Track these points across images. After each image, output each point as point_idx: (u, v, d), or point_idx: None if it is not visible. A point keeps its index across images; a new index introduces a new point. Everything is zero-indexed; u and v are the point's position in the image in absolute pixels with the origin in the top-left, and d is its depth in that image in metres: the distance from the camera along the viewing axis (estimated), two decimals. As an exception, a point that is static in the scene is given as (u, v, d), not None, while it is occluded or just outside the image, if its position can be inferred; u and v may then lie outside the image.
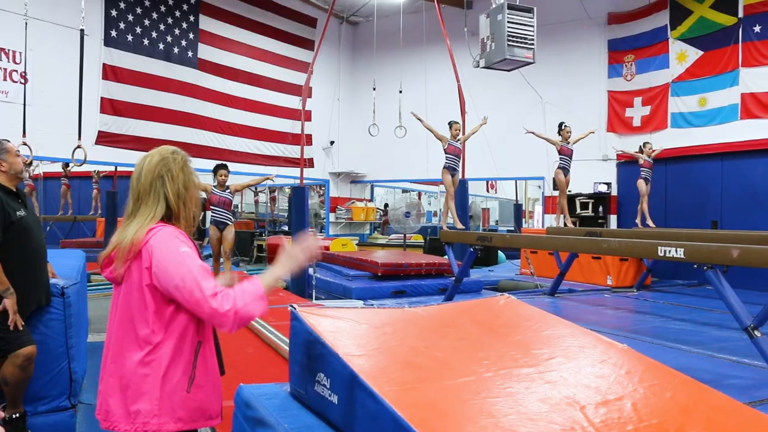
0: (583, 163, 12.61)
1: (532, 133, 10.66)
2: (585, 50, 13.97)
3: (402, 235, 14.66)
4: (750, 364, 4.92)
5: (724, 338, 6.08)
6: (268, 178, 10.10)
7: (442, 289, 9.23)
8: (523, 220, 19.89)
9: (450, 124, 9.58)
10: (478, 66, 8.86)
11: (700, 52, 12.12)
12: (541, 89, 13.58)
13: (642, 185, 11.14)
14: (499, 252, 15.37)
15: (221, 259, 9.25)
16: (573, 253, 8.88)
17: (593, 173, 13.06)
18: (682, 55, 12.44)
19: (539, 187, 15.70)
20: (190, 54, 13.25)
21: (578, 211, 13.35)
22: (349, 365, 2.54)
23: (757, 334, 4.61)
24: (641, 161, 10.91)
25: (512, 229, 19.24)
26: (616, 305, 8.76)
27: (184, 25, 13.15)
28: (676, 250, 5.07)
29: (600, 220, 13.04)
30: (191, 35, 13.27)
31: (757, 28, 11.20)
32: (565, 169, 10.46)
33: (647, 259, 9.85)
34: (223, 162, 9.64)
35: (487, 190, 22.06)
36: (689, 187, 11.18)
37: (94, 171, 14.81)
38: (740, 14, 11.46)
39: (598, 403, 2.44)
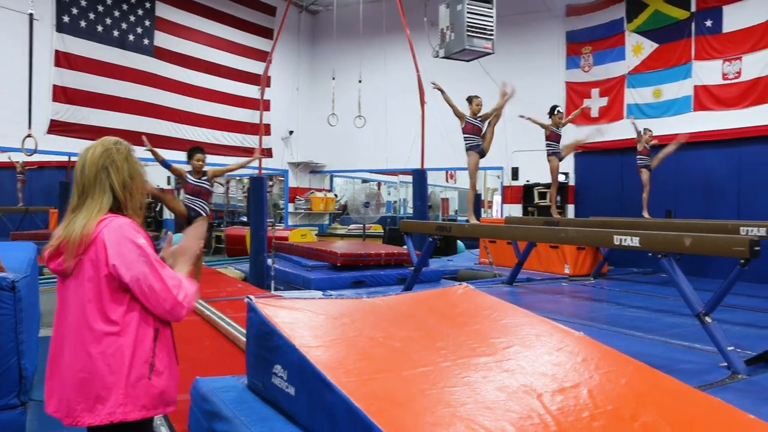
0: (542, 153, 12.72)
1: (529, 119, 10.54)
2: (544, 42, 14.07)
3: (361, 226, 14.64)
4: (701, 349, 5.04)
5: (677, 324, 6.22)
6: (253, 159, 9.15)
7: (402, 279, 9.24)
8: (482, 209, 20.01)
9: (469, 99, 8.37)
10: (438, 56, 8.86)
11: (655, 45, 12.32)
12: (500, 80, 13.61)
13: (645, 174, 10.73)
14: (459, 242, 15.45)
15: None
16: (531, 242, 8.97)
17: (551, 163, 13.21)
18: (637, 48, 12.63)
19: (498, 177, 15.81)
20: (146, 41, 12.99)
21: (536, 200, 13.49)
22: (305, 356, 2.52)
23: (708, 320, 4.72)
24: (639, 148, 10.71)
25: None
26: (574, 293, 8.88)
27: (140, 12, 12.87)
28: (632, 239, 5.16)
29: (558, 209, 13.21)
30: (147, 22, 13.01)
31: (708, 23, 11.42)
32: (557, 155, 10.13)
33: (604, 247, 10.01)
34: (199, 146, 8.46)
35: (447, 180, 22.14)
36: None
37: (18, 162, 14.19)
38: (693, 8, 11.66)
39: (555, 391, 2.46)
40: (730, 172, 10.98)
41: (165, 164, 7.69)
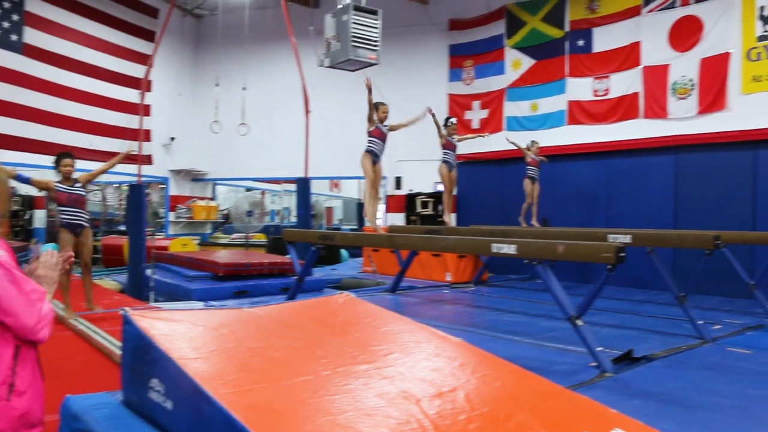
0: (424, 163, 13.02)
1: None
2: (428, 54, 14.40)
3: (244, 235, 14.42)
4: (574, 351, 5.31)
5: (552, 328, 6.52)
6: (122, 156, 8.20)
7: (285, 288, 9.17)
8: (365, 218, 20.16)
9: (376, 105, 8.17)
10: (323, 65, 8.88)
11: (533, 61, 12.90)
12: (385, 90, 13.76)
13: (527, 184, 11.16)
14: (342, 250, 15.52)
15: (79, 273, 7.33)
16: (413, 250, 9.14)
17: (433, 173, 13.42)
18: (516, 63, 13.18)
19: (382, 186, 16.01)
20: (13, 37, 12.22)
21: (418, 209, 13.75)
22: (183, 369, 2.46)
23: (579, 323, 4.98)
24: (528, 159, 11.06)
25: (355, 227, 19.47)
26: (455, 300, 9.11)
27: (6, 5, 12.08)
28: (508, 247, 5.36)
29: (440, 219, 13.52)
30: (15, 17, 12.24)
31: (580, 42, 12.11)
32: (448, 164, 10.18)
33: (483, 255, 10.34)
34: (67, 151, 7.65)
35: (331, 189, 22.19)
36: (518, 184, 11.84)
37: None
38: (567, 28, 12.33)
39: (433, 396, 2.52)
40: (600, 182, 11.67)
41: (22, 179, 6.76)
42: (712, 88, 10.22)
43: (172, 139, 15.79)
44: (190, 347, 2.74)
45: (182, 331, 2.92)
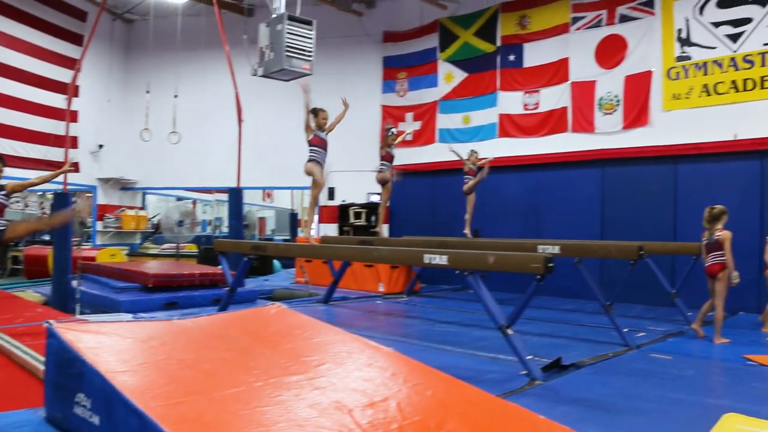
0: (357, 173, 13.06)
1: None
2: (362, 65, 14.48)
3: (175, 245, 14.15)
4: (505, 360, 5.42)
5: (483, 337, 6.64)
6: (59, 173, 7.87)
7: (216, 299, 9.03)
8: (299, 229, 20.09)
9: (315, 111, 8.04)
10: (257, 74, 8.82)
11: (465, 74, 13.13)
12: (318, 101, 13.78)
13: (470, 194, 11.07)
14: (275, 261, 15.39)
15: None
16: (346, 261, 9.16)
17: (366, 184, 13.51)
18: (449, 76, 13.39)
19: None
20: (-68, 39, 11.67)
21: (352, 220, 13.77)
22: (111, 382, 2.41)
23: (510, 332, 5.08)
24: (466, 169, 11.04)
25: (288, 238, 19.36)
26: (387, 311, 9.17)
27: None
28: (440, 257, 5.42)
29: (373, 229, 13.56)
30: (-67, 18, 11.70)
31: (511, 57, 12.41)
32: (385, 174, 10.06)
33: (415, 266, 10.42)
34: None
35: (264, 199, 22.00)
36: (454, 198, 11.98)
37: None
38: (498, 43, 12.61)
39: (365, 405, 2.54)
40: (531, 194, 11.95)
41: None
42: (636, 105, 10.63)
43: (101, 146, 15.36)
44: (119, 360, 2.69)
45: (110, 344, 2.86)
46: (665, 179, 10.34)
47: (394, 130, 10.23)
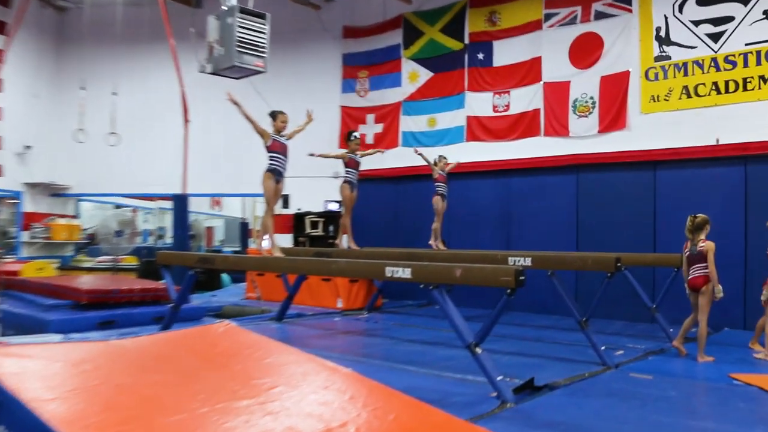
0: (314, 180, 13.02)
1: (321, 155, 10.34)
2: (320, 63, 14.45)
3: (112, 258, 13.93)
4: (473, 381, 5.42)
5: (450, 357, 6.65)
6: None
7: (158, 317, 8.88)
8: (251, 239, 19.94)
9: (273, 114, 8.02)
10: (205, 71, 8.74)
11: (431, 74, 13.22)
12: (273, 101, 13.72)
13: (438, 202, 10.82)
14: (224, 275, 15.25)
15: None
16: (301, 274, 9.11)
17: (324, 190, 13.48)
18: (413, 75, 13.45)
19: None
20: None
21: (308, 230, 13.70)
22: (36, 412, 2.33)
23: (478, 350, 5.08)
24: (435, 175, 10.88)
25: (238, 249, 19.20)
26: (347, 328, 9.15)
27: None
28: (403, 270, 5.41)
29: (331, 240, 13.50)
30: None
31: (480, 56, 12.53)
32: (351, 184, 10.16)
33: (377, 279, 10.42)
34: None
35: (212, 207, 21.80)
36: (419, 206, 12.00)
37: None
38: (466, 40, 12.72)
39: (321, 431, 2.51)
40: (501, 202, 12.05)
41: None
42: (613, 107, 10.79)
43: (28, 147, 15.03)
44: (45, 387, 2.61)
45: (35, 369, 2.77)
46: (644, 186, 10.50)
47: (356, 134, 10.03)
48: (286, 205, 14.26)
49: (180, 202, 11.50)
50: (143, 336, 3.51)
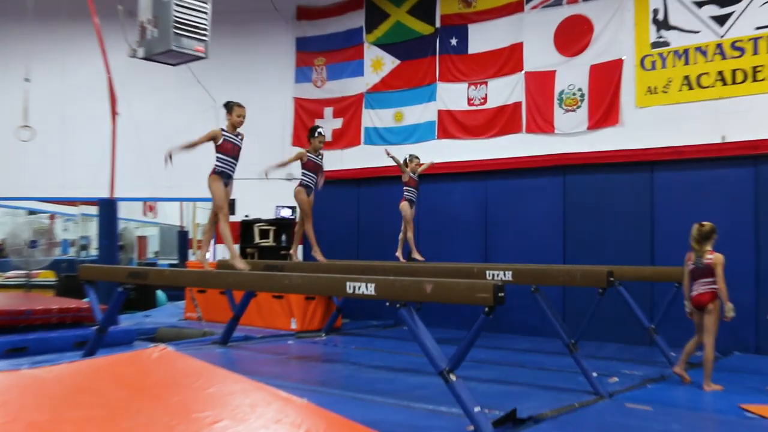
0: (263, 182, 12.92)
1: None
2: (270, 48, 14.39)
3: (25, 272, 13.73)
4: (447, 413, 5.43)
5: (421, 385, 6.65)
6: None
7: (81, 342, 8.77)
8: (191, 251, 19.82)
9: (229, 106, 7.97)
10: (136, 56, 8.67)
11: (397, 62, 13.23)
12: (215, 91, 13.65)
13: (406, 208, 10.92)
14: (159, 292, 15.12)
15: None
16: (249, 291, 9.05)
17: (275, 194, 13.40)
18: (377, 63, 13.46)
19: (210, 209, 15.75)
20: None
21: (257, 240, 13.62)
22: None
23: (453, 378, 5.05)
24: (405, 178, 10.95)
25: (176, 262, 19.08)
26: (302, 353, 9.13)
27: None
28: (367, 286, 5.38)
29: (283, 252, 13.44)
30: None
31: (453, 41, 12.54)
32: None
33: (336, 297, 10.39)
34: None
35: (144, 213, 21.65)
36: (384, 213, 12.00)
37: None
38: (438, 24, 12.75)
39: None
40: (477, 208, 12.04)
41: None
42: (604, 100, 10.85)
43: None
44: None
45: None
46: (640, 190, 10.54)
47: (321, 130, 9.94)
48: (232, 211, 14.17)
49: (107, 207, 11.37)
50: (62, 364, 3.45)
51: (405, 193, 10.98)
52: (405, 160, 11.03)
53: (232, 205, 14.10)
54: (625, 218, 10.58)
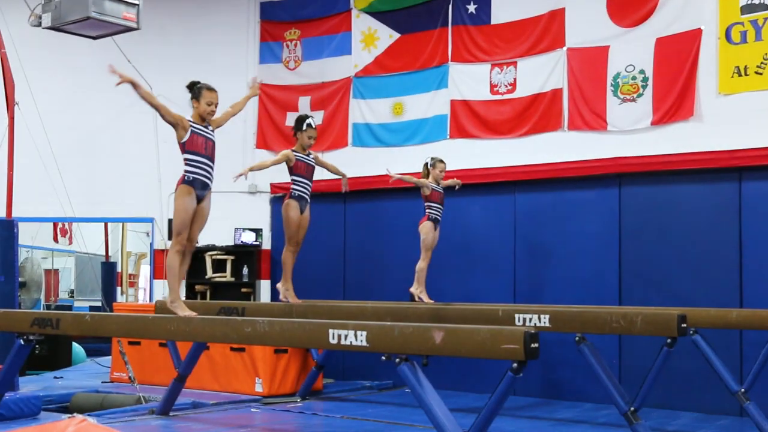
0: (219, 198, 12.92)
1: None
2: (226, 17, 14.35)
3: None
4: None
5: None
6: None
7: (-34, 414, 8.78)
8: (119, 288, 19.79)
9: (197, 90, 7.86)
10: (40, 26, 8.69)
11: (397, 35, 13.13)
12: (151, 75, 13.60)
13: (429, 230, 10.79)
14: (75, 345, 15.09)
15: None
16: (199, 342, 9.03)
17: (235, 214, 13.37)
18: (370, 37, 13.36)
19: (147, 234, 15.69)
20: None
21: (210, 274, 13.58)
22: None
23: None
24: (427, 191, 10.79)
25: (99, 305, 19.04)
26: (271, 425, 9.15)
27: None
28: (356, 335, 5.38)
29: (245, 289, 13.41)
30: None
31: (471, 7, 12.42)
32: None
33: (316, 349, 10.37)
34: None
35: (56, 239, 21.62)
36: (379, 238, 11.98)
37: None
38: (449, -16, 12.73)
39: None
40: (503, 229, 12.01)
41: None
42: (675, 86, 10.82)
43: None
44: None
45: None
46: (723, 205, 10.45)
47: (312, 120, 9.84)
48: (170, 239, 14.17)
49: (2, 230, 11.37)
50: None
51: (427, 210, 10.82)
52: (426, 165, 10.97)
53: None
54: (703, 243, 10.47)
